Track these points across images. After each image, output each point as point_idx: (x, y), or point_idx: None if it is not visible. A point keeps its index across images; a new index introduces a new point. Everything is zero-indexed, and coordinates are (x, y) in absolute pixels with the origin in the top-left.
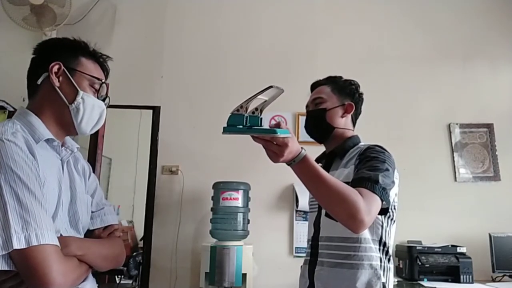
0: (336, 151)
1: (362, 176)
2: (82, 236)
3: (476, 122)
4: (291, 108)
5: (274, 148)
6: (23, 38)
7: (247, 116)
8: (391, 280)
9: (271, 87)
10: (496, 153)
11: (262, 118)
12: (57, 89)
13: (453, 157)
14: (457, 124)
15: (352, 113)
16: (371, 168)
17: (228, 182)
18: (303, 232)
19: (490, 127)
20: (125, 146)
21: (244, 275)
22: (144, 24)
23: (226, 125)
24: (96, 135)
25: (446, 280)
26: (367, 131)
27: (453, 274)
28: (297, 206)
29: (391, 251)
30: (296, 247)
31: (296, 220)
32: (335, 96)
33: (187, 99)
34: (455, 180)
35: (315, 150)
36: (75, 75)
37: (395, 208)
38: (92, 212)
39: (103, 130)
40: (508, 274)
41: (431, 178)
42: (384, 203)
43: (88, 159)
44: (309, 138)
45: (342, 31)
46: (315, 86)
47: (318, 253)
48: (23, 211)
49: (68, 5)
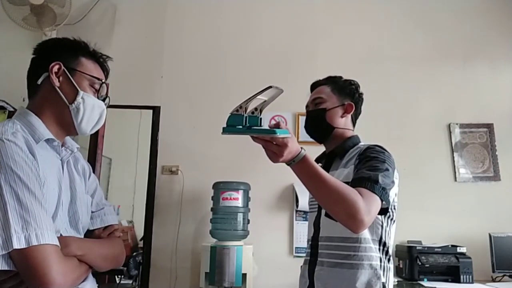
0: (336, 151)
1: (362, 176)
2: (82, 236)
3: (476, 122)
4: (291, 108)
5: (274, 148)
6: (23, 38)
7: (246, 117)
8: (391, 280)
9: (270, 87)
10: (496, 153)
11: (261, 118)
12: (57, 89)
13: (453, 157)
14: (457, 124)
15: (352, 113)
16: (371, 168)
17: (228, 182)
18: (303, 232)
19: (490, 127)
20: (125, 146)
21: (244, 275)
22: (144, 24)
23: (225, 125)
24: (96, 135)
25: (446, 280)
26: (367, 131)
27: (453, 274)
28: (297, 206)
29: (391, 251)
30: (296, 247)
31: (296, 220)
32: (335, 96)
33: (187, 99)
34: (455, 180)
35: (315, 150)
36: (75, 75)
37: (395, 208)
38: (92, 212)
39: (103, 130)
40: (508, 274)
41: (431, 178)
42: (384, 203)
43: (88, 159)
44: (309, 138)
45: (342, 31)
46: (315, 86)
47: (318, 253)
48: (23, 211)
49: (68, 5)
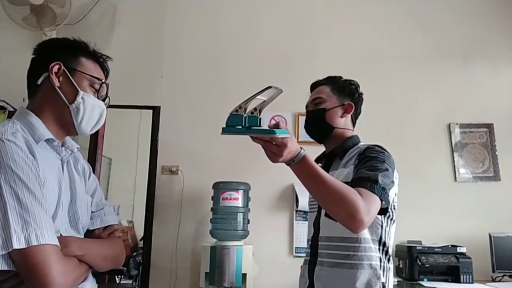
0: (335, 151)
1: (362, 176)
2: (82, 236)
3: (476, 122)
4: (291, 108)
5: (273, 148)
6: (23, 38)
7: (246, 117)
8: (391, 280)
9: (270, 87)
10: (496, 153)
11: (261, 119)
12: (57, 89)
13: (453, 157)
14: (457, 124)
15: (351, 113)
16: (371, 168)
17: (228, 182)
18: (303, 232)
19: (490, 127)
20: (125, 146)
21: (244, 275)
22: (144, 24)
23: (225, 125)
24: (96, 135)
25: (446, 280)
26: (367, 131)
27: (453, 274)
28: (297, 206)
29: (390, 251)
30: (296, 247)
31: (296, 220)
32: (334, 96)
33: (187, 99)
34: (455, 180)
35: (315, 150)
36: (75, 75)
37: (394, 208)
38: (92, 212)
39: (103, 130)
40: (508, 274)
41: (431, 178)
42: (383, 203)
43: (88, 159)
44: (309, 138)
45: (342, 31)
46: (314, 86)
47: (318, 253)
48: (23, 211)
49: (68, 5)
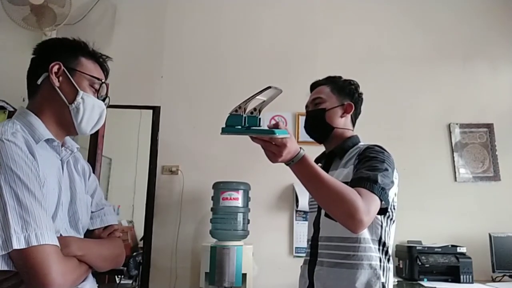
0: (335, 151)
1: (361, 176)
2: (82, 236)
3: (476, 122)
4: (291, 108)
5: (273, 148)
6: (23, 38)
7: (245, 117)
8: (391, 280)
9: (269, 87)
10: (496, 153)
11: (260, 119)
12: (57, 89)
13: (453, 157)
14: (457, 124)
15: (351, 113)
16: (370, 168)
17: (228, 182)
18: (303, 232)
19: (490, 127)
20: (125, 146)
21: (244, 275)
22: (144, 24)
23: (224, 125)
24: (96, 135)
25: (446, 280)
26: (367, 131)
27: (453, 274)
28: (297, 206)
29: (390, 251)
30: (296, 247)
31: (296, 220)
32: (334, 96)
33: (187, 99)
34: (455, 180)
35: (315, 150)
36: (75, 75)
37: (394, 208)
38: (92, 212)
39: (103, 130)
40: (508, 274)
41: (431, 178)
42: (383, 203)
43: (88, 159)
44: (309, 138)
45: (342, 31)
46: (314, 86)
47: (318, 253)
48: (22, 211)
49: (68, 5)
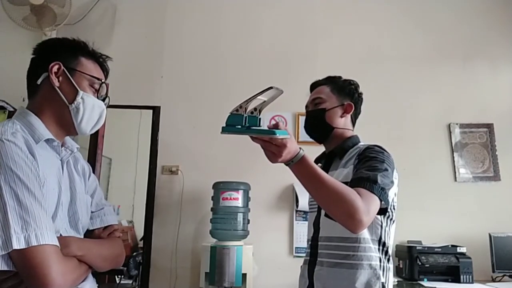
0: (335, 151)
1: (361, 176)
2: (82, 236)
3: (476, 122)
4: (291, 108)
5: (273, 148)
6: (23, 38)
7: (246, 116)
8: (391, 280)
9: (271, 88)
10: (496, 153)
11: (261, 119)
12: (57, 89)
13: (453, 157)
14: (457, 124)
15: (351, 113)
16: (370, 168)
17: (228, 182)
18: (303, 232)
19: (490, 127)
20: (125, 146)
21: (244, 275)
22: (144, 24)
23: (225, 125)
24: (96, 135)
25: (446, 280)
26: (367, 131)
27: (453, 274)
28: (297, 206)
29: (390, 251)
30: (296, 247)
31: (296, 220)
32: (334, 96)
33: (187, 99)
34: (455, 180)
35: (315, 150)
36: (75, 75)
37: (394, 208)
38: (92, 212)
39: (103, 130)
40: (508, 274)
41: (431, 178)
42: (382, 203)
43: (88, 159)
44: (309, 138)
45: (342, 31)
46: (314, 86)
47: (318, 253)
48: (22, 211)
49: (68, 5)
